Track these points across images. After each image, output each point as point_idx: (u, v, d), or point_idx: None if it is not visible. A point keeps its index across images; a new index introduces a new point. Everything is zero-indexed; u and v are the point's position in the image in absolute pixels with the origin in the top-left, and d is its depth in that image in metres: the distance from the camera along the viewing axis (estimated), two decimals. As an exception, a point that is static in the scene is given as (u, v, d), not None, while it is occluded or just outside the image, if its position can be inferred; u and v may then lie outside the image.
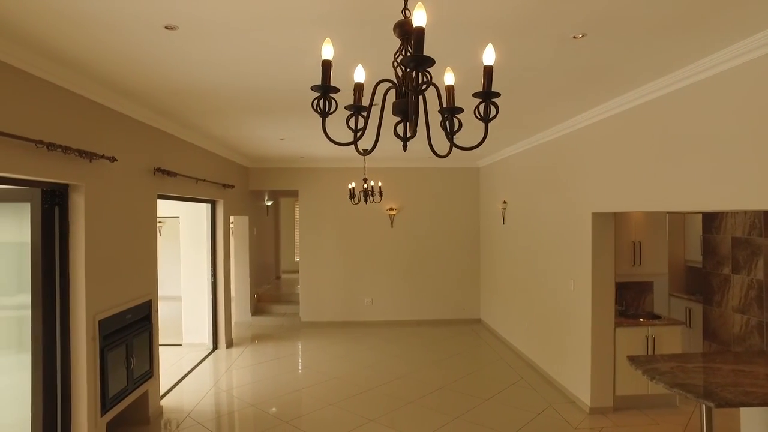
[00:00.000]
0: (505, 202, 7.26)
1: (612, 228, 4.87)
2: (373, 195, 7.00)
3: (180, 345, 7.28)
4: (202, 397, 5.30)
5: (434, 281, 8.84)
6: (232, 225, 8.85)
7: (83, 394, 3.62)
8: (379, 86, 1.65)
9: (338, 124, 2.36)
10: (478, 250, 8.87)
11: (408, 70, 1.36)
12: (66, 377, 3.59)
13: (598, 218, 4.79)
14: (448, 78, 1.60)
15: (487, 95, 1.45)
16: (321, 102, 1.46)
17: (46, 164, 3.18)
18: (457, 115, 1.59)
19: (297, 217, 9.39)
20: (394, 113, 1.50)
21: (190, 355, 6.85)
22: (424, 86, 1.34)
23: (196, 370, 6.26)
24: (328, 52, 1.45)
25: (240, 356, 6.91)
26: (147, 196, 4.68)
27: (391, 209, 8.73)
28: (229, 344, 7.36)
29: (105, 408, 3.83)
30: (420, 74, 1.34)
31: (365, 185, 6.98)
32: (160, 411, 4.83)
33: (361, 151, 1.66)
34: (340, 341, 7.72)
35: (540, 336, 6.08)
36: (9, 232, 3.65)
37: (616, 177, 4.33)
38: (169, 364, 6.49)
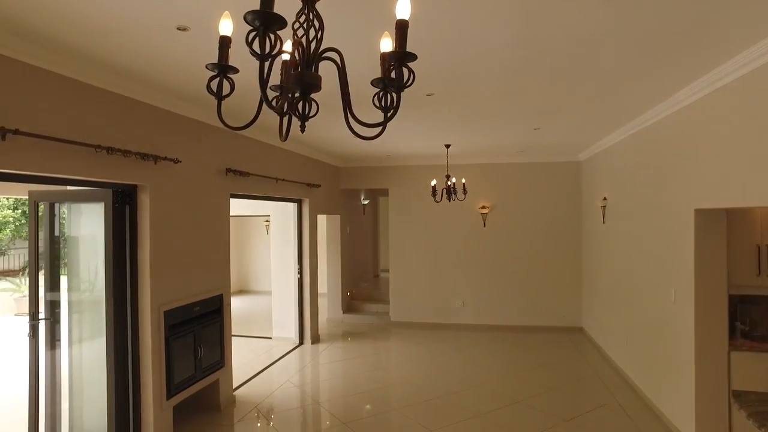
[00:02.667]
0: (605, 199, 6.46)
1: (723, 228, 4.02)
2: (455, 192, 6.68)
3: (270, 338, 7.63)
4: (273, 391, 5.46)
5: (531, 284, 8.20)
6: (323, 224, 9.10)
7: (149, 378, 3.89)
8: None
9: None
10: (579, 251, 8.04)
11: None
12: (136, 362, 3.89)
13: (703, 216, 3.98)
14: (385, 44, 1.33)
15: (401, 57, 1.17)
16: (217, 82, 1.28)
17: (111, 167, 3.45)
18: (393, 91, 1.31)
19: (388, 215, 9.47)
20: (294, 86, 1.27)
21: (276, 348, 7.13)
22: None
23: (277, 363, 6.49)
24: (226, 27, 1.28)
25: (323, 353, 7.03)
26: (218, 196, 4.92)
27: (483, 207, 8.28)
28: (315, 340, 7.54)
29: (171, 392, 4.09)
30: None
31: (448, 182, 6.69)
32: (232, 400, 5.07)
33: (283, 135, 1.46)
34: (425, 343, 7.50)
35: (639, 352, 5.28)
36: (92, 230, 4.04)
37: (727, 164, 3.52)
38: (254, 356, 6.83)
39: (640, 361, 5.26)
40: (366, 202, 11.07)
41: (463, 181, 6.82)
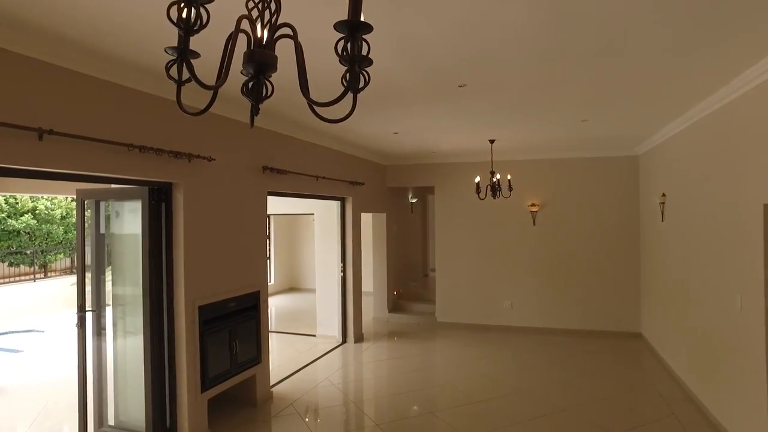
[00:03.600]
0: (663, 195, 5.97)
1: (797, 226, 3.56)
2: (500, 189, 6.42)
3: (314, 336, 7.68)
4: (311, 388, 5.46)
5: (584, 286, 7.75)
6: (369, 222, 9.06)
7: (184, 372, 3.98)
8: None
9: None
10: (637, 251, 7.50)
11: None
12: (171, 355, 3.99)
13: (773, 213, 3.55)
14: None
15: (354, 27, 1.05)
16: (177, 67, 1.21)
17: (144, 165, 3.55)
18: (365, 69, 1.19)
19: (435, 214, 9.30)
20: (246, 66, 1.17)
21: (319, 346, 7.16)
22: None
23: (318, 361, 6.50)
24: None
25: (365, 352, 6.98)
26: (255, 193, 4.97)
27: (532, 205, 7.93)
28: (358, 339, 7.50)
29: (205, 386, 4.16)
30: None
31: (493, 179, 6.45)
32: (269, 396, 5.11)
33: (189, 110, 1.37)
34: (470, 345, 7.27)
35: (701, 362, 4.82)
36: (133, 227, 4.18)
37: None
38: (296, 353, 6.89)
39: (703, 373, 4.80)
40: (414, 201, 10.93)
41: (509, 177, 6.53)
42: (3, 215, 11.93)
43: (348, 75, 1.10)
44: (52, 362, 6.78)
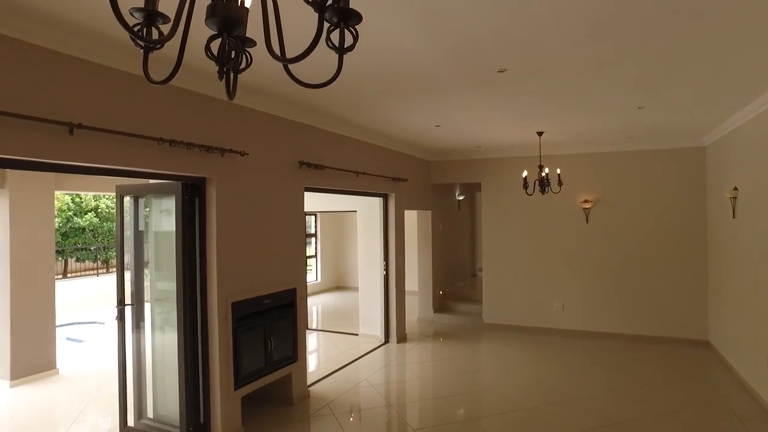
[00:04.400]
0: (735, 189, 5.39)
1: None
2: (549, 184, 6.05)
3: (356, 335, 7.57)
4: (349, 388, 5.33)
5: (643, 288, 7.20)
6: (414, 220, 8.86)
7: (216, 368, 3.95)
8: None
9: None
10: (704, 250, 6.87)
11: None
12: (205, 351, 3.97)
13: None
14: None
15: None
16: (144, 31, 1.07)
17: (175, 160, 3.53)
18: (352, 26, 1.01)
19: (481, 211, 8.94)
20: (208, 23, 1.00)
21: (361, 346, 7.04)
22: None
23: (359, 360, 6.38)
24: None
25: (407, 352, 6.79)
26: (291, 189, 4.90)
27: (585, 202, 7.45)
28: (401, 339, 7.32)
29: (238, 383, 4.12)
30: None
31: (541, 173, 6.09)
32: (306, 395, 5.02)
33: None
34: (518, 348, 6.92)
35: (781, 376, 4.29)
36: (169, 222, 4.20)
37: None
38: (337, 352, 6.80)
39: (782, 387, 4.27)
40: (461, 198, 10.62)
41: (558, 171, 6.13)
42: (70, 213, 12.67)
43: (317, 31, 0.92)
44: (108, 352, 7.04)
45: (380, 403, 4.98)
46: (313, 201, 7.78)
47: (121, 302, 4.17)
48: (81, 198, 12.74)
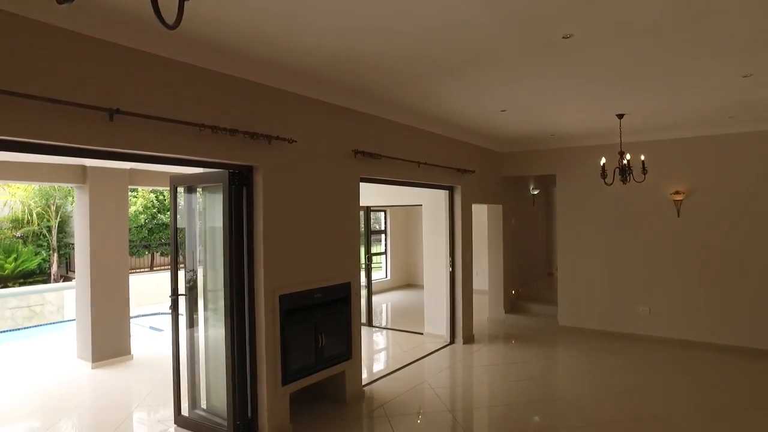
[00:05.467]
0: None
1: None
2: (631, 172, 5.39)
3: (421, 334, 7.28)
4: (408, 390, 5.04)
5: (748, 292, 6.23)
6: (483, 215, 8.40)
7: (263, 363, 3.84)
8: None
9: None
10: (832, 251, 5.81)
11: None
12: (252, 345, 3.87)
13: None
14: None
15: None
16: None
17: (218, 147, 3.45)
18: None
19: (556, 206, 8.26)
20: None
21: (425, 345, 6.73)
22: None
23: (421, 361, 6.08)
24: None
25: (473, 354, 6.39)
26: (345, 179, 4.71)
27: (676, 193, 6.60)
28: (468, 340, 6.92)
29: (286, 379, 3.98)
30: None
31: (622, 160, 5.45)
32: (360, 394, 4.81)
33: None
34: (597, 355, 6.27)
35: None
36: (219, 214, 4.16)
37: None
38: (400, 351, 6.56)
39: None
40: (536, 192, 9.95)
41: (642, 158, 5.42)
42: (154, 210, 13.52)
43: None
44: (181, 342, 7.33)
45: (440, 407, 4.65)
46: (378, 195, 7.63)
47: (174, 292, 4.19)
48: (165, 196, 13.53)
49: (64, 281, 11.44)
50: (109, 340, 6.01)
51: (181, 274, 4.31)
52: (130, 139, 2.97)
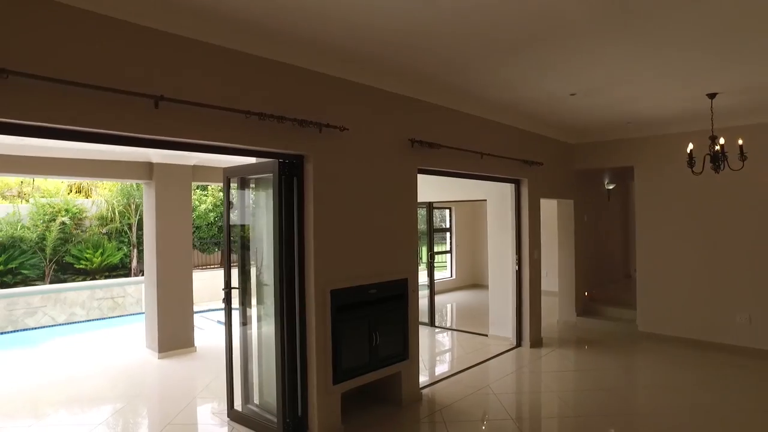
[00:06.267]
0: None
1: None
2: (725, 159, 4.74)
3: (486, 336, 6.90)
4: (468, 394, 4.73)
5: None
6: (553, 210, 7.88)
7: (314, 360, 3.69)
8: None
9: None
10: None
11: None
12: (303, 342, 3.74)
13: None
14: None
15: None
16: None
17: (266, 135, 3.35)
18: None
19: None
20: None
21: (489, 348, 6.36)
22: None
23: (485, 364, 5.72)
24: None
25: (541, 359, 5.94)
26: (401, 170, 4.48)
27: (782, 184, 5.78)
28: (536, 343, 6.47)
29: (337, 378, 3.81)
30: None
31: (714, 146, 4.81)
32: (417, 397, 4.56)
33: None
34: (684, 367, 5.61)
35: None
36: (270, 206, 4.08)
37: None
38: (462, 353, 6.26)
39: None
40: (611, 187, 9.21)
41: (740, 142, 4.74)
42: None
43: None
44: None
45: (503, 415, 4.31)
46: (440, 190, 7.35)
47: (227, 285, 4.15)
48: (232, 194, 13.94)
49: (142, 275, 12.12)
50: (173, 333, 6.18)
51: (235, 271, 4.28)
52: (176, 126, 2.91)
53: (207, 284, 10.20)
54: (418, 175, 4.74)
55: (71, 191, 12.90)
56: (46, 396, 4.87)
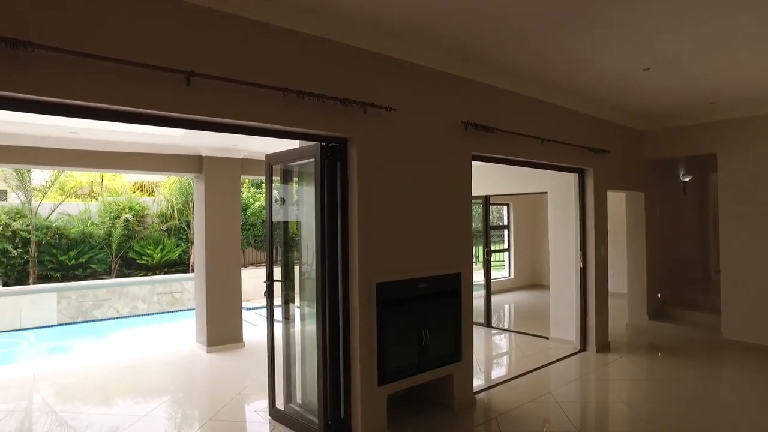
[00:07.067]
0: None
1: None
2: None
3: (547, 338, 6.40)
4: (527, 401, 4.30)
5: None
6: (621, 204, 7.24)
7: (357, 358, 3.43)
8: None
9: None
10: None
11: None
12: (347, 339, 3.49)
13: None
14: None
15: None
16: None
17: (306, 115, 3.13)
18: None
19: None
20: None
21: (551, 351, 5.87)
22: None
23: (545, 369, 5.26)
24: None
25: (609, 365, 5.39)
26: (454, 155, 4.14)
27: None
28: (602, 348, 5.90)
29: (383, 379, 3.53)
30: None
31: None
32: (471, 402, 4.19)
33: None
34: (777, 379, 4.92)
35: None
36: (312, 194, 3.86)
37: None
38: (521, 356, 5.83)
39: None
40: (687, 179, 8.37)
41: None
42: (277, 206, 14.09)
43: None
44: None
45: (566, 426, 3.86)
46: (497, 182, 6.94)
47: (269, 277, 3.97)
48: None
49: (199, 271, 12.43)
50: (222, 328, 6.13)
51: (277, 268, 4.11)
52: (208, 104, 2.74)
53: (261, 281, 10.25)
54: (473, 163, 4.38)
55: (135, 190, 13.43)
56: (112, 384, 5.02)
